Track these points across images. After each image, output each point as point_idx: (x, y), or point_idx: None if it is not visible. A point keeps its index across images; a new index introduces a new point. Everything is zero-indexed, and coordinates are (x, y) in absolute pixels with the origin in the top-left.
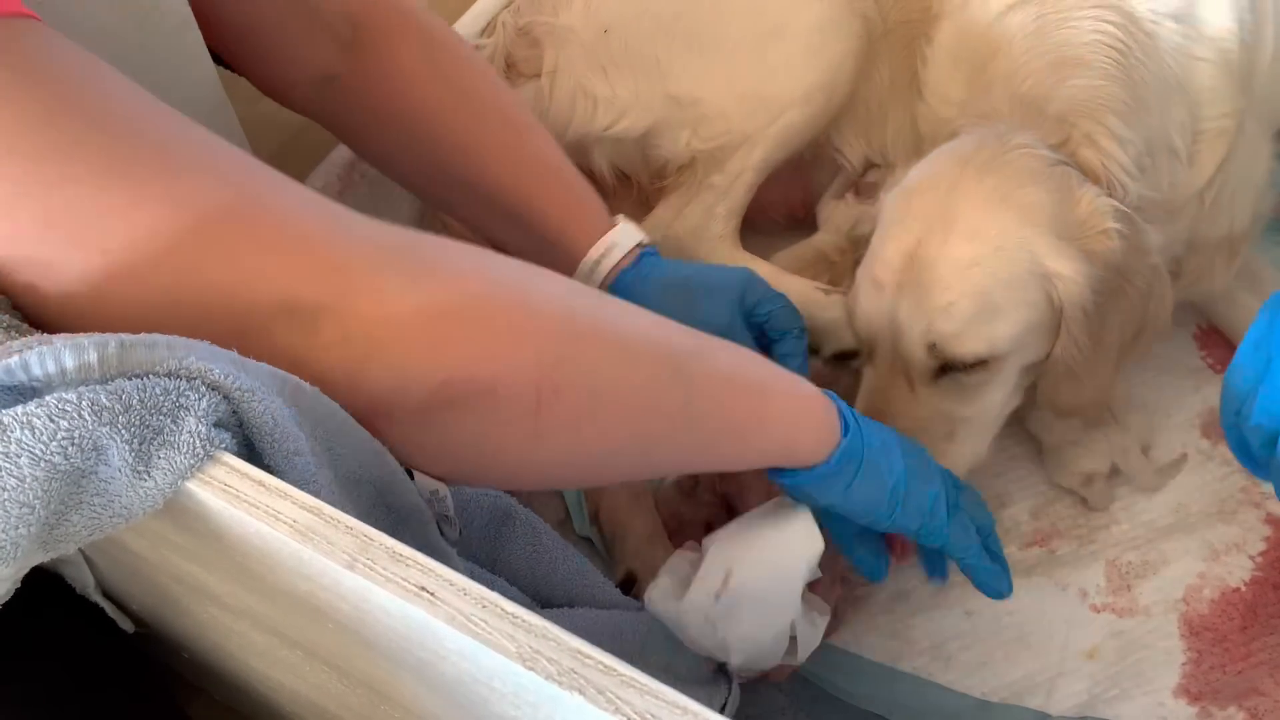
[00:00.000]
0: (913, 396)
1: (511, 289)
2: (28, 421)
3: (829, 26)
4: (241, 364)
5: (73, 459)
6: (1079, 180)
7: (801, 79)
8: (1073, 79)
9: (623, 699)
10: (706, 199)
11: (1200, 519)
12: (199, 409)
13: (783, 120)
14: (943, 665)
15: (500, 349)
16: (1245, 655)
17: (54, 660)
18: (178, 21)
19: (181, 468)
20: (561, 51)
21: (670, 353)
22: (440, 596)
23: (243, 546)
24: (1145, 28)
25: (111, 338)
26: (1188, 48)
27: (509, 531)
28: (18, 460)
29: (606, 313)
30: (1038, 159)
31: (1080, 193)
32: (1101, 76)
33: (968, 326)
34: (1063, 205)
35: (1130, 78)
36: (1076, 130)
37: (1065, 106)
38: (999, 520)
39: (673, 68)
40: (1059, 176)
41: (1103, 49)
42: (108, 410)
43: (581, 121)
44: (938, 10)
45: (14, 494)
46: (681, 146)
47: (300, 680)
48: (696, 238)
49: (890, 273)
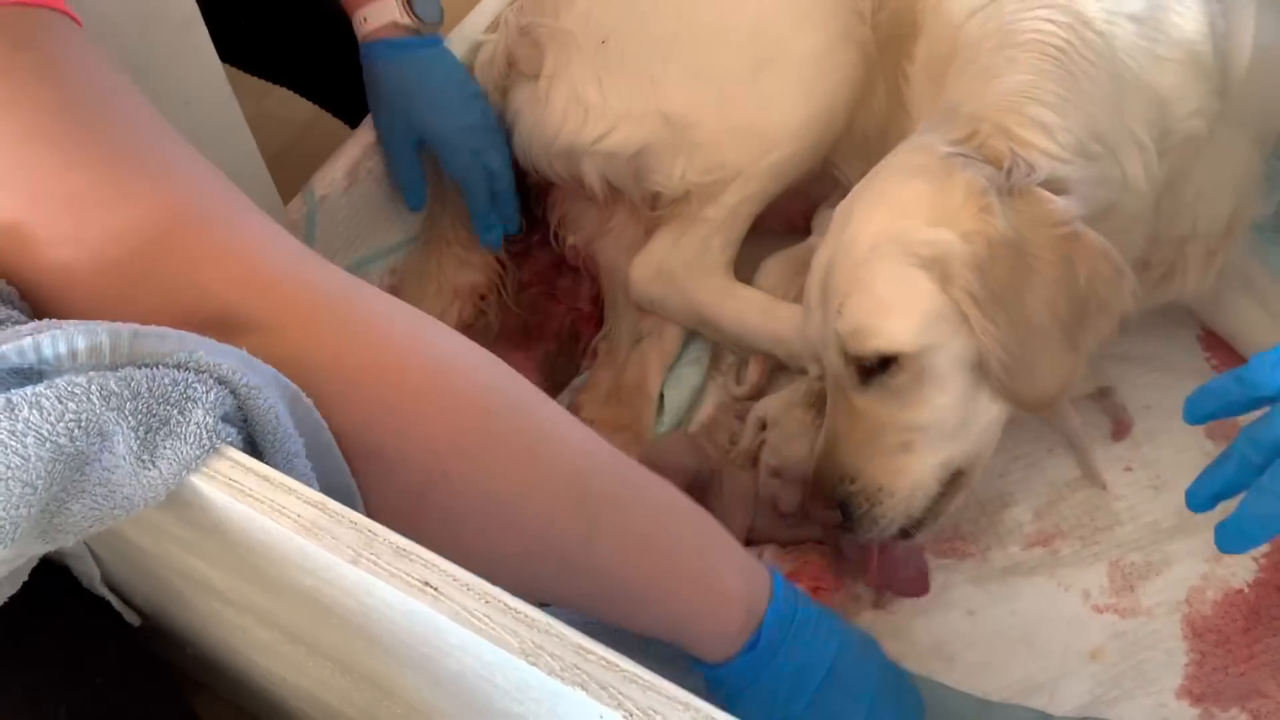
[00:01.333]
0: (854, 409)
1: (438, 361)
2: (36, 401)
3: (824, 57)
4: (249, 363)
5: (78, 441)
6: (962, 166)
7: (794, 112)
8: (1002, 78)
9: (625, 694)
10: (701, 231)
11: (1203, 520)
12: (206, 401)
13: (775, 154)
14: (945, 665)
15: (401, 418)
16: (1248, 657)
17: (59, 653)
18: (184, 19)
19: (187, 459)
20: (560, 56)
21: (585, 490)
22: (444, 591)
23: (247, 541)
24: (1097, 27)
25: (124, 326)
26: (1150, 48)
27: None
28: (24, 439)
29: (531, 420)
30: (925, 153)
31: (959, 177)
32: (1030, 72)
33: (861, 324)
34: (940, 193)
35: (1067, 71)
36: (985, 124)
37: (981, 104)
38: (1001, 520)
39: (666, 87)
40: (941, 167)
41: (1038, 46)
42: (116, 395)
43: (573, 129)
44: (919, 24)
45: (18, 472)
46: (676, 179)
47: (303, 675)
48: (690, 269)
49: (812, 293)
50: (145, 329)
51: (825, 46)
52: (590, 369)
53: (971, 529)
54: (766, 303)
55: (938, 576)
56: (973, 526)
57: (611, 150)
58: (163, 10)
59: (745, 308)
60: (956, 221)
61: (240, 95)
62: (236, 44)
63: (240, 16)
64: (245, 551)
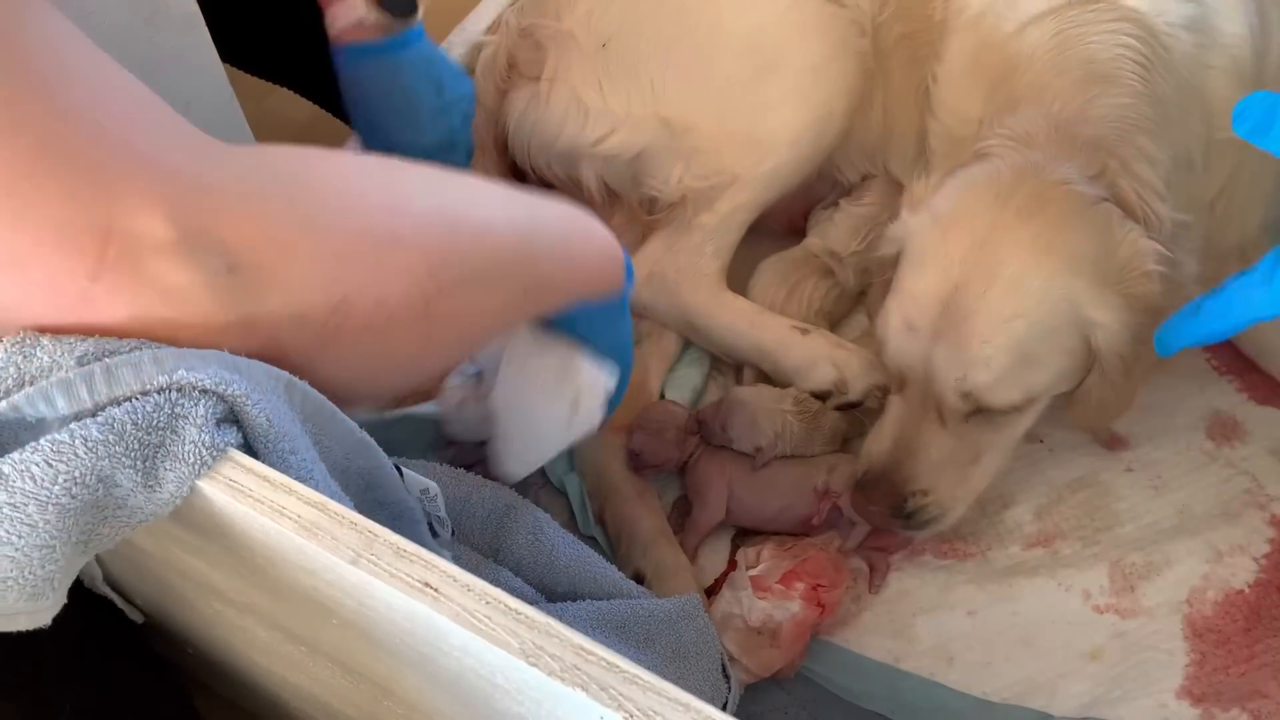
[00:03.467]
0: (943, 429)
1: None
2: (27, 470)
3: (822, 67)
4: (234, 365)
5: (79, 497)
6: (1120, 219)
7: (790, 120)
8: (1102, 97)
9: (625, 696)
10: (695, 238)
11: (1204, 521)
12: (196, 417)
13: (771, 162)
14: (945, 665)
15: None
16: (1249, 657)
17: (64, 651)
18: (184, 19)
19: (190, 477)
20: (561, 58)
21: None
22: (444, 592)
23: (247, 542)
24: (1163, 40)
25: (95, 364)
26: (1201, 57)
27: (511, 523)
28: (26, 509)
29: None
30: (1079, 198)
31: (1121, 234)
32: (1129, 94)
33: (1004, 377)
34: (1105, 249)
35: (1154, 93)
36: (1113, 159)
37: (1098, 130)
38: (1001, 520)
39: (666, 91)
40: (1100, 217)
41: (1127, 64)
42: (103, 443)
43: (573, 131)
44: (943, 21)
45: (29, 539)
46: (673, 184)
47: (304, 676)
48: (681, 274)
49: (925, 316)
50: (116, 359)
51: (823, 56)
52: None
53: (971, 529)
54: (755, 314)
55: (938, 576)
56: (973, 526)
57: (611, 153)
58: (163, 10)
59: (734, 318)
60: (1121, 283)
61: (240, 95)
62: (237, 44)
63: (241, 17)
64: (246, 552)
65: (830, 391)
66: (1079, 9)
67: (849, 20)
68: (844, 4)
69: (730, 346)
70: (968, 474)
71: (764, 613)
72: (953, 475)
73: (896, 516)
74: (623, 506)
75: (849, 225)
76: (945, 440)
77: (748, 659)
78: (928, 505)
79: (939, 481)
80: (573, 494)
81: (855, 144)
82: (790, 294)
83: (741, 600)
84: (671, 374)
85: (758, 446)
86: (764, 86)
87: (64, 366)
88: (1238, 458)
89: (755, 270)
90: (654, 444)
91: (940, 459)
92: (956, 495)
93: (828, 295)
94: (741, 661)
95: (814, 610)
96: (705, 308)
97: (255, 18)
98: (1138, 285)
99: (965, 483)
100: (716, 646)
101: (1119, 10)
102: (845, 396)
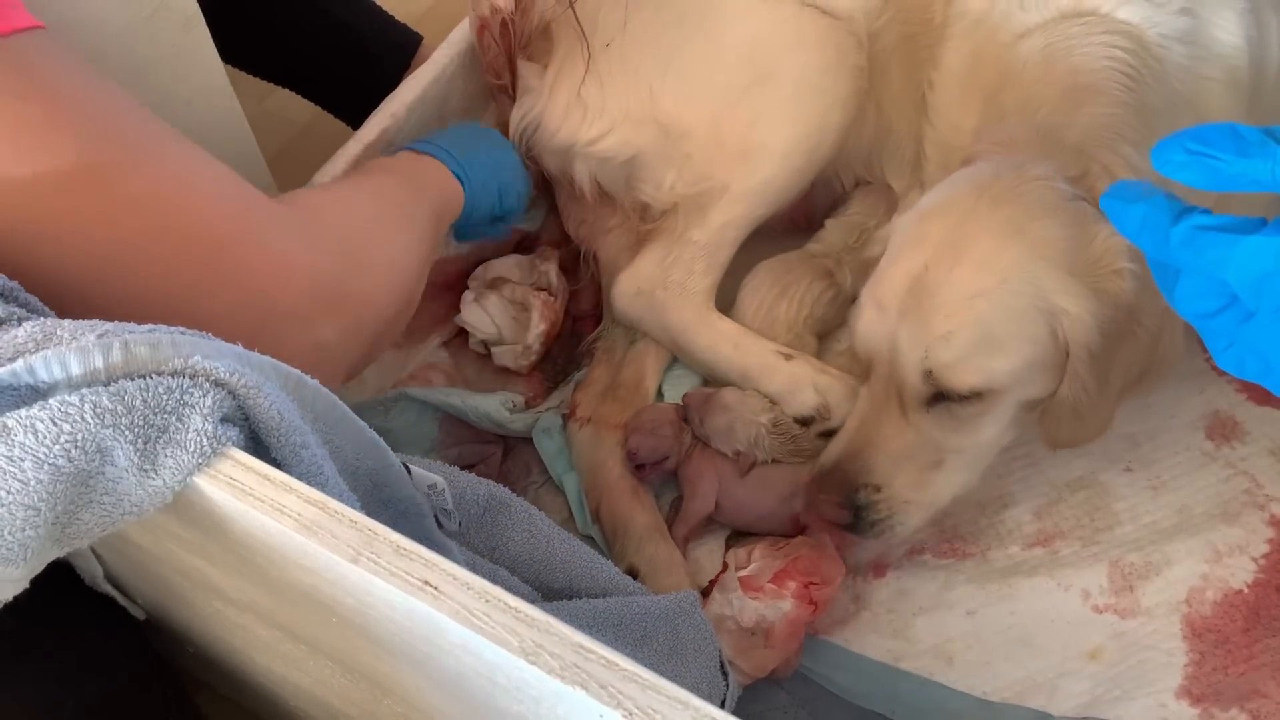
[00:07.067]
0: (904, 422)
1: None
2: (31, 425)
3: (817, 79)
4: (246, 359)
5: (76, 461)
6: (1095, 217)
7: (781, 131)
8: (1087, 106)
9: (625, 694)
10: (685, 255)
11: (1203, 520)
12: (204, 407)
13: (762, 174)
14: (944, 665)
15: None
16: (1248, 657)
17: (67, 648)
18: (185, 19)
19: (189, 466)
20: (568, 50)
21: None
22: (444, 590)
23: (247, 540)
24: (1154, 52)
25: (115, 338)
26: (1196, 68)
27: (505, 520)
28: (21, 464)
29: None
30: (1055, 192)
31: (1095, 229)
32: (1114, 104)
33: (965, 357)
34: (1077, 241)
35: (1142, 103)
36: (1095, 163)
37: (1082, 136)
38: (1001, 520)
39: (664, 97)
40: (1075, 211)
41: (1114, 75)
42: (110, 412)
43: (572, 128)
44: (942, 23)
45: (18, 497)
46: (665, 190)
47: (303, 674)
48: (669, 293)
49: (893, 295)
50: (136, 337)
51: (821, 67)
52: (588, 367)
53: (971, 529)
54: (740, 337)
55: (938, 576)
56: (973, 526)
57: (606, 154)
58: (163, 10)
59: (718, 340)
60: (1091, 276)
61: (241, 95)
62: (237, 44)
63: (241, 17)
64: (246, 550)
65: (813, 417)
66: (1070, 22)
67: (845, 33)
68: (840, 16)
69: (714, 368)
70: (927, 479)
71: (756, 613)
72: (910, 474)
73: (845, 507)
74: (618, 502)
75: (845, 229)
76: (904, 432)
77: (742, 660)
78: (878, 503)
79: (894, 478)
80: (570, 492)
81: (852, 149)
82: (781, 294)
83: (733, 601)
84: (670, 374)
85: (736, 451)
86: (758, 97)
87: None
88: (1237, 458)
89: (750, 273)
90: (650, 442)
91: (897, 452)
92: (910, 499)
93: (820, 299)
94: (736, 663)
95: (807, 608)
96: (690, 328)
97: (255, 18)
98: (1109, 281)
99: (922, 488)
100: (714, 643)
101: (1110, 23)
102: (828, 423)
